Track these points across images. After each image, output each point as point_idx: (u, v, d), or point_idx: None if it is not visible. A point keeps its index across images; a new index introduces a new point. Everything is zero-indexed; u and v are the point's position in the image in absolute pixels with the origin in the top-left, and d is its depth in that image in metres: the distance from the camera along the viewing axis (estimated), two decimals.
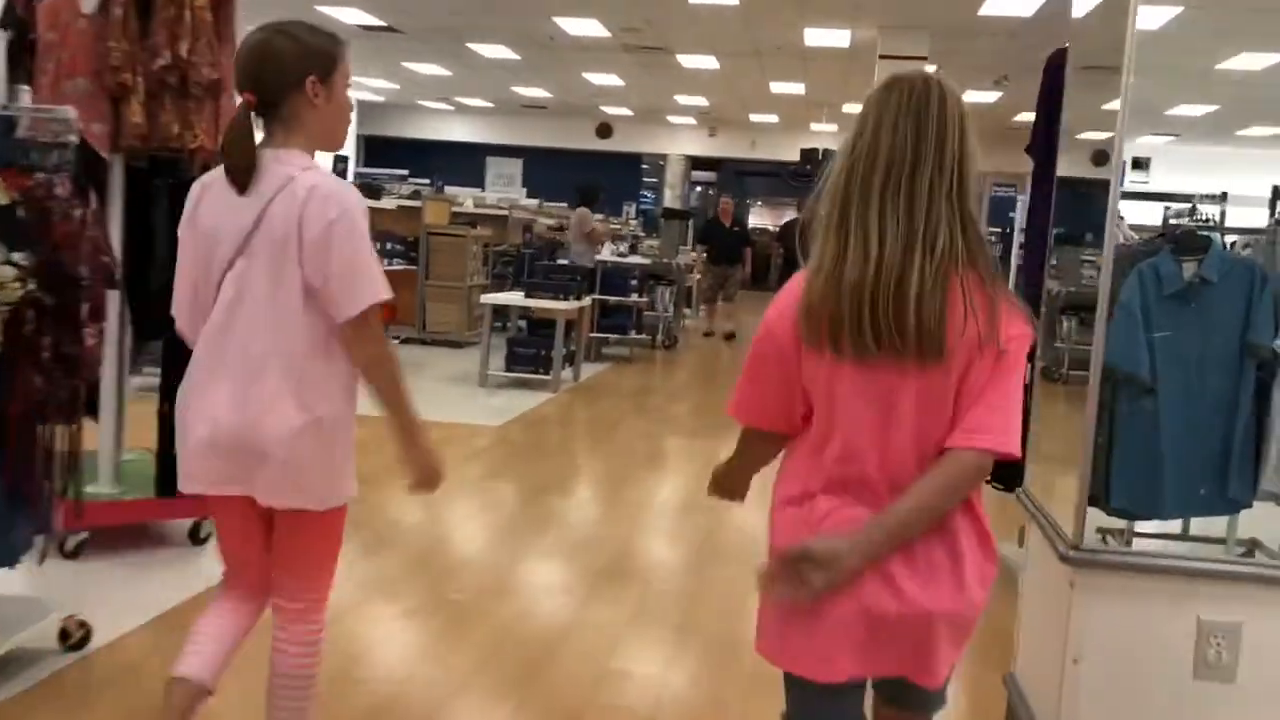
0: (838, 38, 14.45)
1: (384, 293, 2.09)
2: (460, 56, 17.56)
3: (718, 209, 14.38)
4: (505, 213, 12.65)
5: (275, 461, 2.09)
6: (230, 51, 4.13)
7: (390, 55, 18.07)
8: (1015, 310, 1.73)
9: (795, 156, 22.44)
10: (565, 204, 19.09)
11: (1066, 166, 4.04)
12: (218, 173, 2.13)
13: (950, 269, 1.69)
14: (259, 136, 2.14)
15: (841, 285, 1.70)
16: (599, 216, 13.15)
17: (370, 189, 9.11)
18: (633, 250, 10.70)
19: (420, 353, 10.45)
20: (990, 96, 18.20)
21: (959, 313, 1.68)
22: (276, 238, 2.05)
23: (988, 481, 1.75)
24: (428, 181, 11.72)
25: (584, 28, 14.50)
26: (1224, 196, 4.32)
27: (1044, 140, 4.84)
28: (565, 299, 8.53)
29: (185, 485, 2.18)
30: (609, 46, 15.91)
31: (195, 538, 4.24)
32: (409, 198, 10.96)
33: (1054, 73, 4.80)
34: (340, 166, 9.15)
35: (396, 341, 10.95)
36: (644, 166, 27.88)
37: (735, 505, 2.22)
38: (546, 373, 8.59)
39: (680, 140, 25.33)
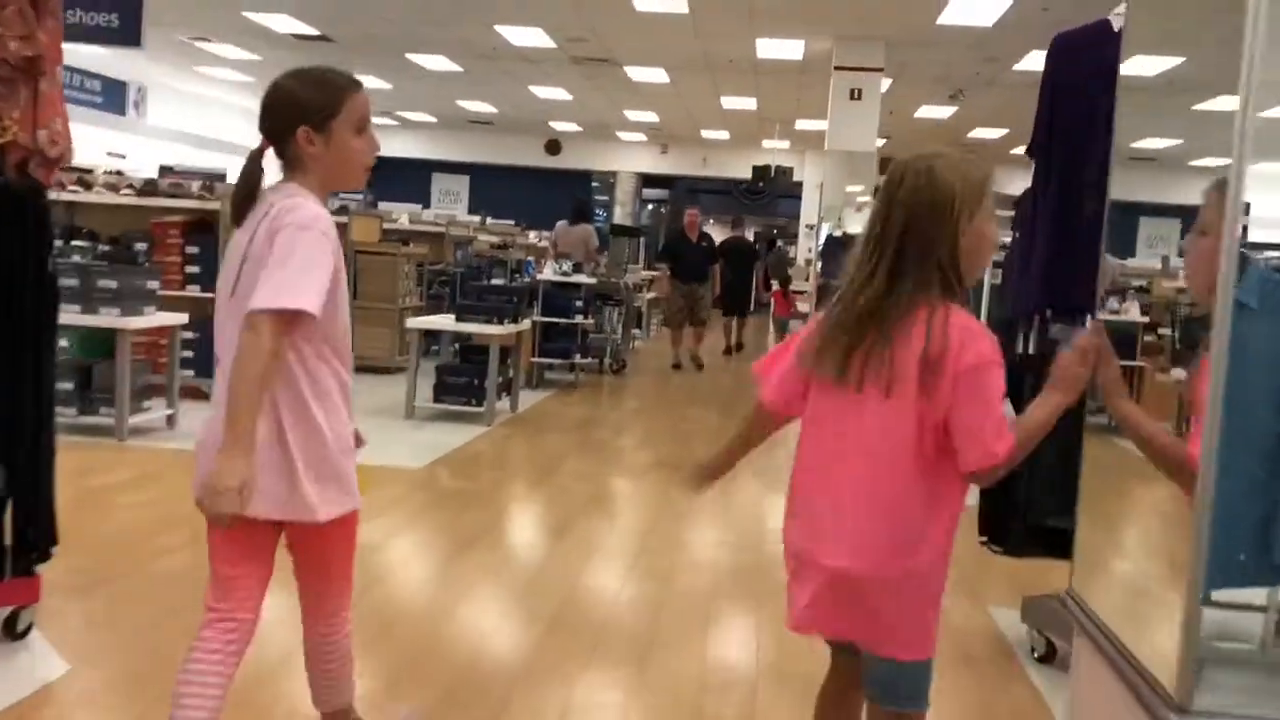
0: (790, 49, 13.78)
1: (293, 302, 2.06)
2: (400, 68, 16.70)
3: (684, 221, 13.26)
4: (443, 229, 11.79)
5: (281, 473, 2.20)
6: (54, 26, 3.29)
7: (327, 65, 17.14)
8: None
9: (747, 174, 21.79)
10: (512, 221, 18.32)
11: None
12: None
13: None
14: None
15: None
16: (546, 236, 12.37)
17: None
18: (577, 269, 9.89)
19: None
20: (945, 111, 17.64)
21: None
22: (256, 259, 2.15)
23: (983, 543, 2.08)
24: (359, 196, 10.83)
25: (528, 37, 13.71)
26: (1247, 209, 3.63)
27: (1045, 139, 4.10)
28: (500, 322, 7.69)
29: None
30: (555, 58, 15.13)
31: (12, 631, 3.35)
32: (335, 213, 10.05)
33: (1060, 57, 4.07)
34: None
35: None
36: (594, 184, 27.11)
37: (683, 567, 2.15)
38: (480, 404, 7.74)
39: (631, 157, 24.60)
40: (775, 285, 17.02)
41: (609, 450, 7.35)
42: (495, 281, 8.11)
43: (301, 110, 2.21)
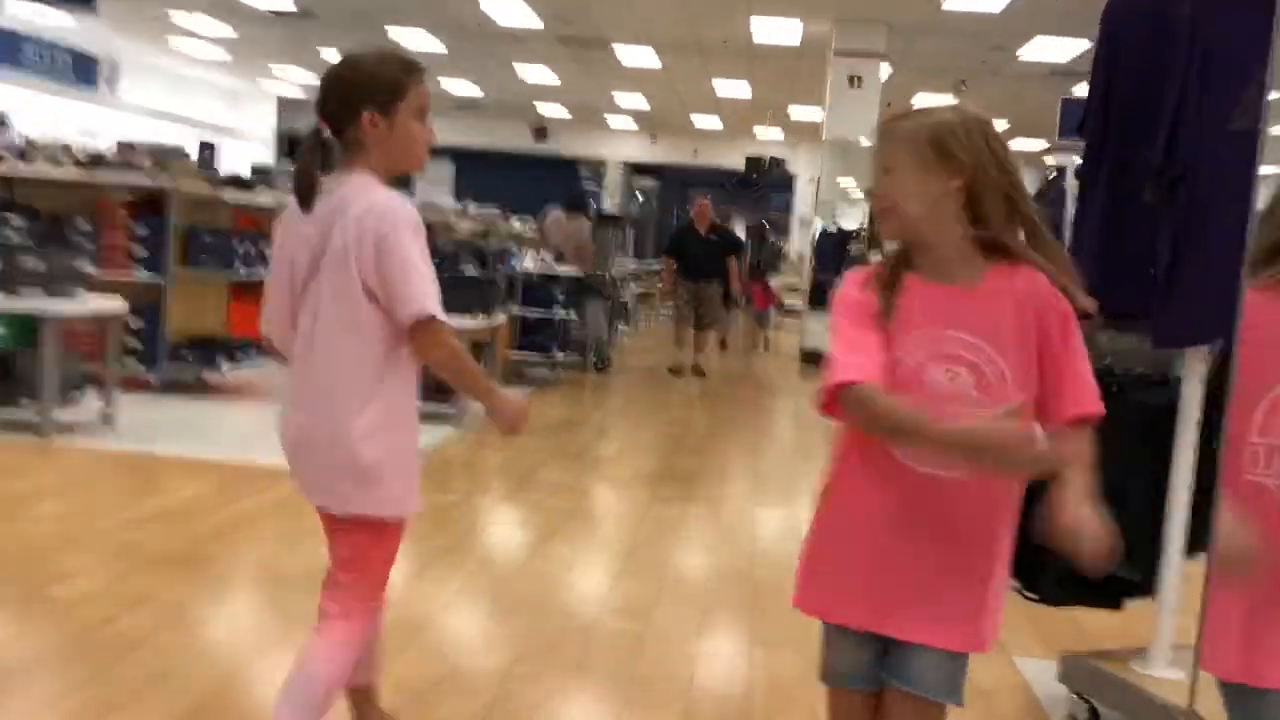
0: (788, 31, 13.17)
1: (431, 309, 2.14)
2: (381, 45, 16.05)
3: (691, 211, 11.83)
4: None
5: (308, 459, 2.26)
6: None
7: (306, 42, 16.48)
8: None
9: (740, 164, 21.20)
10: (491, 207, 17.65)
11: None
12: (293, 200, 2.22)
13: None
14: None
15: None
16: (527, 222, 11.73)
17: (242, 182, 7.58)
18: (559, 259, 9.28)
19: None
20: (945, 102, 17.09)
21: None
22: (338, 259, 2.14)
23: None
24: None
25: (514, 15, 13.08)
26: None
27: (1099, 120, 3.50)
28: (473, 315, 7.07)
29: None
30: (542, 37, 14.49)
31: None
32: None
33: (1116, 21, 3.47)
34: (208, 153, 7.62)
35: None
36: (583, 173, 26.45)
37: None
38: (451, 404, 7.12)
39: (620, 145, 23.99)
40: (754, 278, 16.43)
41: (588, 458, 6.74)
42: (468, 271, 7.50)
43: (368, 92, 2.17)
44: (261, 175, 10.33)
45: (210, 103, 21.29)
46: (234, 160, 14.76)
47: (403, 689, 3.06)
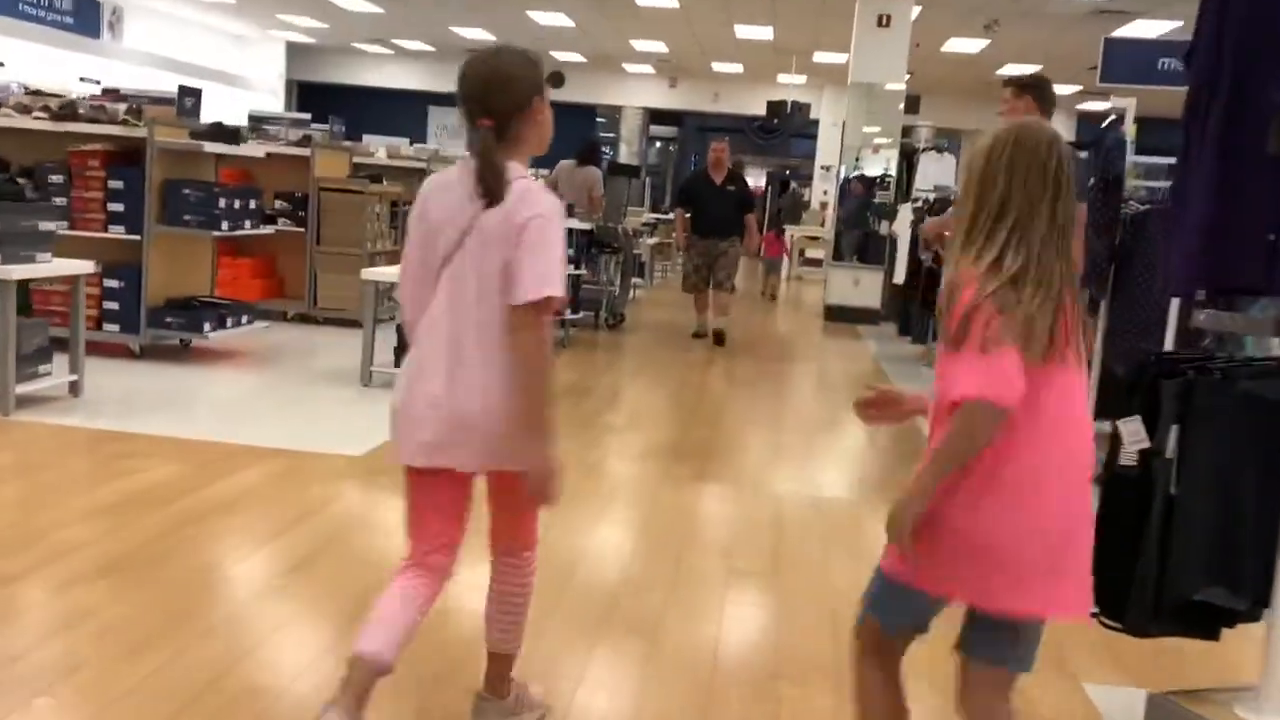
0: None
1: (554, 290, 2.21)
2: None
3: (708, 158, 10.11)
4: (423, 165, 10.54)
5: (486, 433, 2.28)
6: None
7: None
8: None
9: (761, 110, 20.42)
10: None
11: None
12: (450, 174, 2.34)
13: None
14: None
15: None
16: (544, 174, 11.09)
17: (226, 132, 7.00)
18: (570, 212, 8.67)
19: (307, 335, 8.40)
20: (976, 45, 16.22)
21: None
22: (488, 236, 2.25)
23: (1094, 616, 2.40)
24: (325, 125, 9.57)
25: None
26: None
27: (1213, 54, 2.86)
28: None
29: (401, 459, 2.39)
30: None
31: None
32: (298, 144, 8.83)
33: None
34: (190, 99, 7.03)
35: (285, 319, 8.91)
36: (599, 120, 25.72)
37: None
38: None
39: (638, 91, 23.19)
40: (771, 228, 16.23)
41: (596, 428, 6.19)
42: None
43: (535, 83, 2.32)
44: (259, 123, 9.76)
45: (217, 50, 20.63)
46: (240, 109, 14.22)
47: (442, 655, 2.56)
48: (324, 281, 8.74)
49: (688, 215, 9.77)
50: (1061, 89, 19.95)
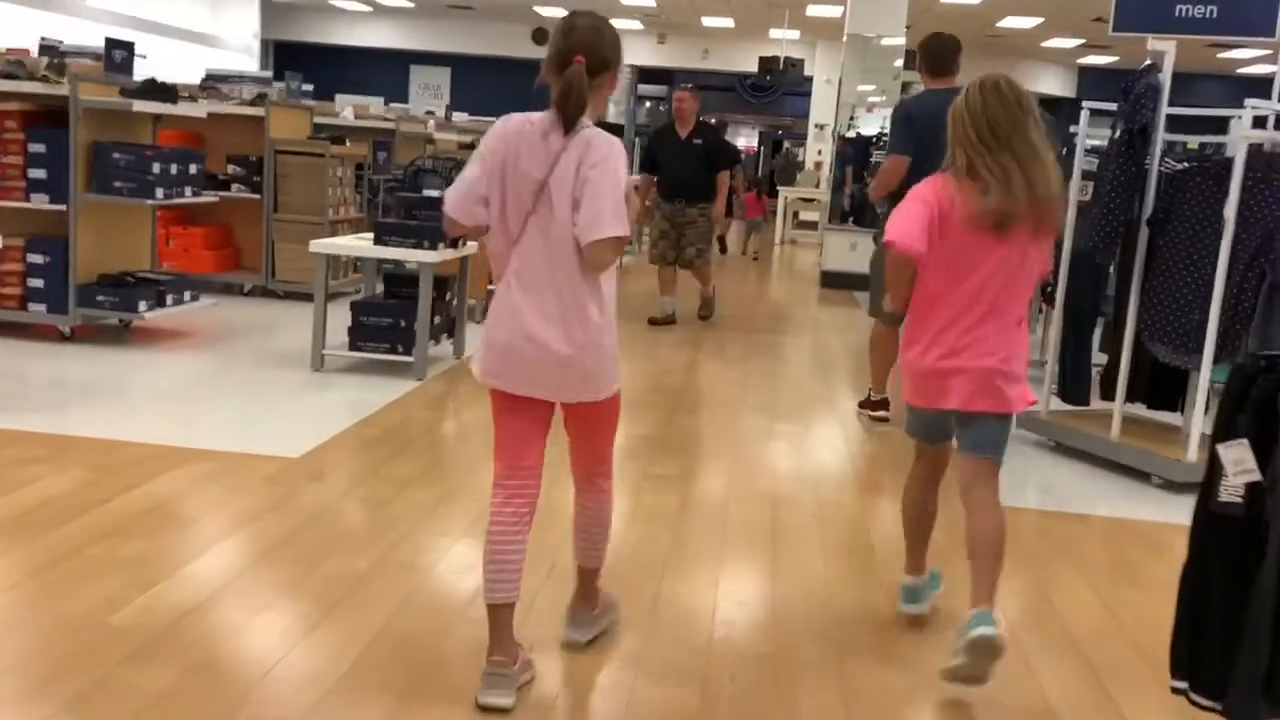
0: None
1: (619, 230, 2.44)
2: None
3: (672, 108, 8.78)
4: (392, 124, 9.80)
5: (571, 366, 2.53)
6: None
7: None
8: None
9: (753, 67, 19.62)
10: (490, 117, 16.24)
11: None
12: (525, 122, 2.51)
13: None
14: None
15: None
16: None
17: (161, 89, 6.26)
18: None
19: (264, 312, 7.71)
20: None
21: None
22: (563, 180, 2.46)
23: (1179, 691, 2.20)
24: (281, 83, 8.77)
25: None
26: None
27: None
28: (434, 246, 5.82)
29: (486, 380, 2.63)
30: None
31: None
32: (252, 103, 8.10)
33: None
34: (120, 53, 6.29)
35: (242, 293, 8.23)
36: None
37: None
38: (408, 351, 5.92)
39: (626, 48, 21.85)
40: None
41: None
42: (431, 192, 6.24)
43: (618, 57, 2.61)
44: (216, 81, 9.02)
45: (189, 8, 19.72)
46: (210, 69, 13.42)
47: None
48: (282, 252, 8.04)
49: (654, 178, 8.46)
50: (1063, 42, 19.15)
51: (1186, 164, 4.98)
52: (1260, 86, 6.96)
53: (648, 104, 27.66)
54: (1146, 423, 5.44)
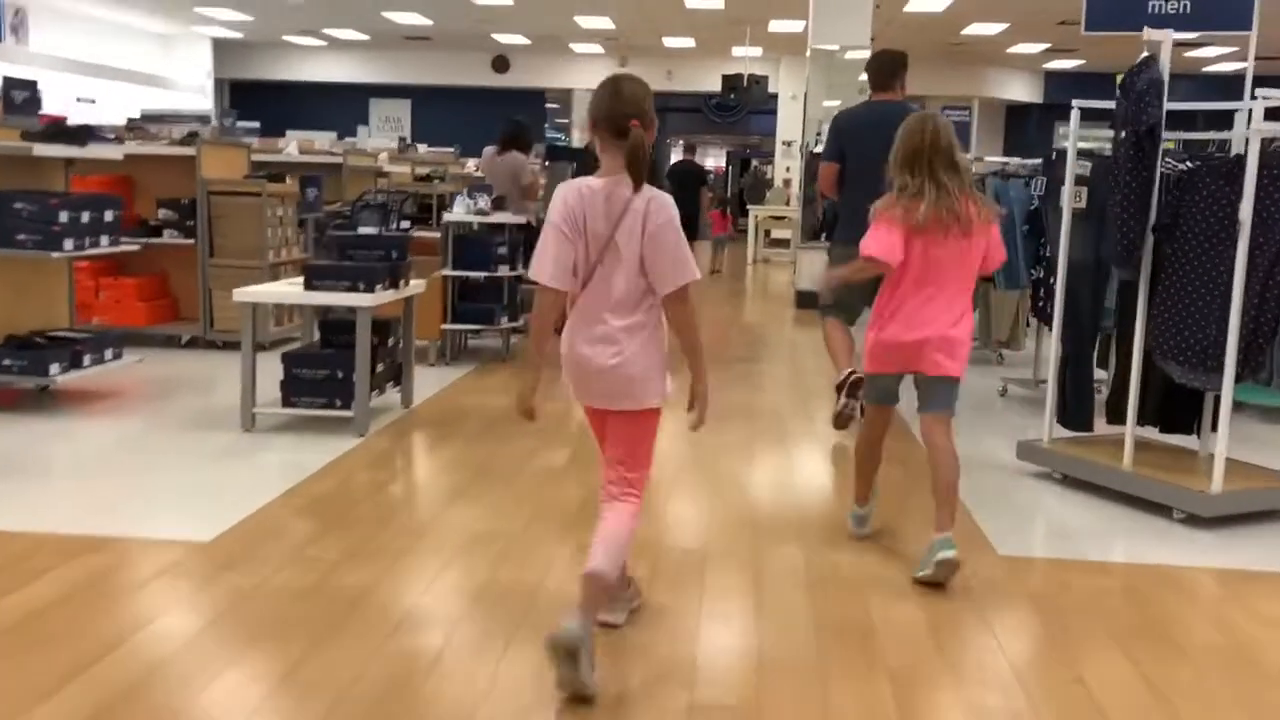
0: None
1: (693, 275, 2.86)
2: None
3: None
4: (339, 159, 9.25)
5: (612, 374, 2.91)
6: None
7: None
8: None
9: (717, 86, 19.19)
10: (451, 148, 15.69)
11: None
12: (589, 184, 2.85)
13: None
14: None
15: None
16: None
17: (69, 133, 5.70)
18: (498, 205, 7.43)
19: (201, 365, 7.10)
20: (941, 3, 15.03)
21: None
22: (630, 237, 2.83)
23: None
24: (213, 119, 8.18)
25: None
26: None
27: None
28: (370, 288, 5.26)
29: (576, 398, 3.05)
30: None
31: None
32: (182, 142, 7.53)
33: None
34: (21, 94, 5.72)
35: (180, 345, 7.64)
36: (553, 106, 24.45)
37: None
38: (347, 406, 5.35)
39: (587, 72, 21.85)
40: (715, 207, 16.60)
41: (529, 477, 4.95)
42: (365, 230, 5.67)
43: (654, 112, 2.94)
44: (148, 121, 8.45)
45: (139, 50, 19.16)
46: (151, 109, 12.86)
47: None
48: (220, 300, 7.44)
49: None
50: (1029, 48, 18.82)
51: (1190, 163, 4.49)
52: (1228, 84, 6.58)
53: None
54: (1160, 448, 4.93)
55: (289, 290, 5.46)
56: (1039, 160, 6.83)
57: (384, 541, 3.97)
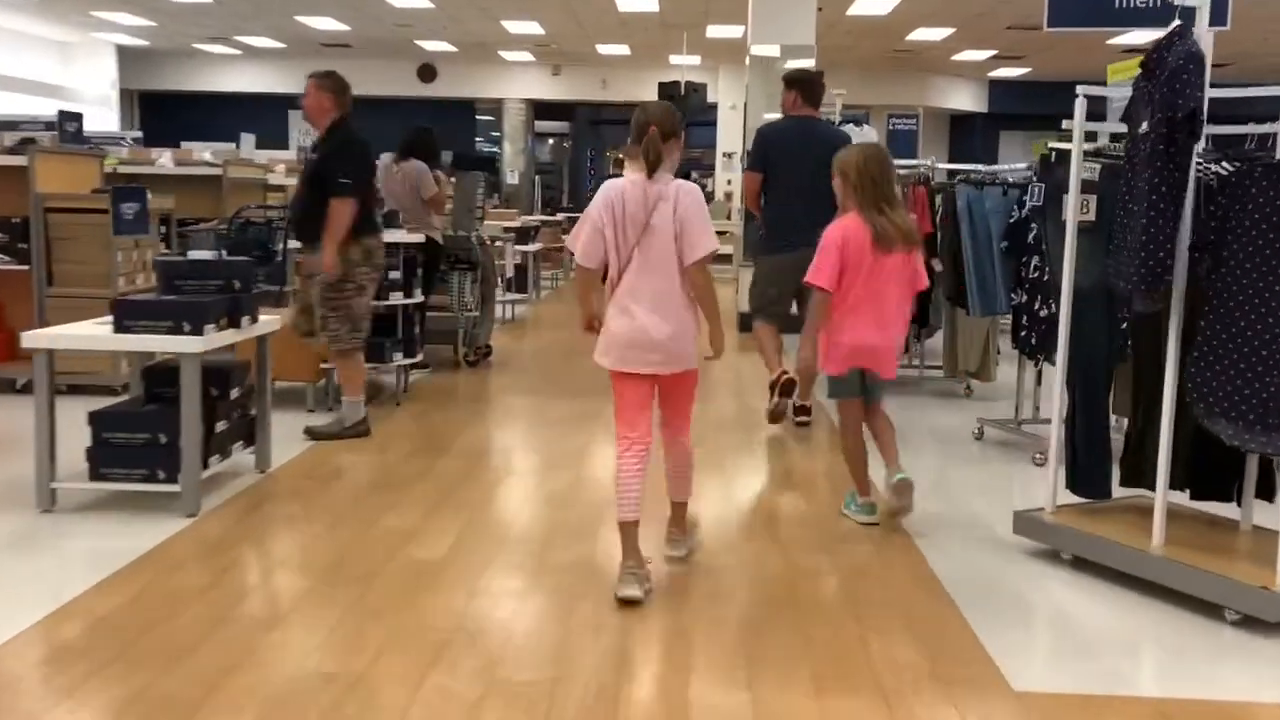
0: None
1: (716, 246, 3.47)
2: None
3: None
4: (219, 170, 8.03)
5: (671, 346, 3.47)
6: None
7: None
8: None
9: (653, 96, 18.19)
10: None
11: None
12: (625, 183, 3.46)
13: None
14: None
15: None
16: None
17: None
18: (390, 221, 6.29)
19: (30, 414, 5.85)
20: (885, 6, 14.12)
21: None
22: (665, 218, 3.41)
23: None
24: (47, 127, 6.91)
25: None
26: None
27: None
28: (195, 329, 4.08)
29: (615, 366, 3.52)
30: None
31: None
32: (12, 151, 6.28)
33: None
34: None
35: (15, 390, 6.37)
36: (486, 118, 23.23)
37: None
38: (173, 478, 4.15)
39: (519, 81, 20.74)
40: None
41: (393, 578, 3.79)
42: (198, 254, 4.48)
43: (681, 130, 3.58)
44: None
45: (35, 59, 17.66)
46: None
47: None
48: None
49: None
50: (975, 54, 18.05)
51: (1232, 164, 3.49)
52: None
53: (550, 141, 26.12)
54: (1191, 518, 3.91)
55: (94, 333, 4.24)
56: (1024, 165, 5.77)
57: (170, 689, 2.80)
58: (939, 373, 7.33)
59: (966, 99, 21.08)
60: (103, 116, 17.95)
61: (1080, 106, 3.89)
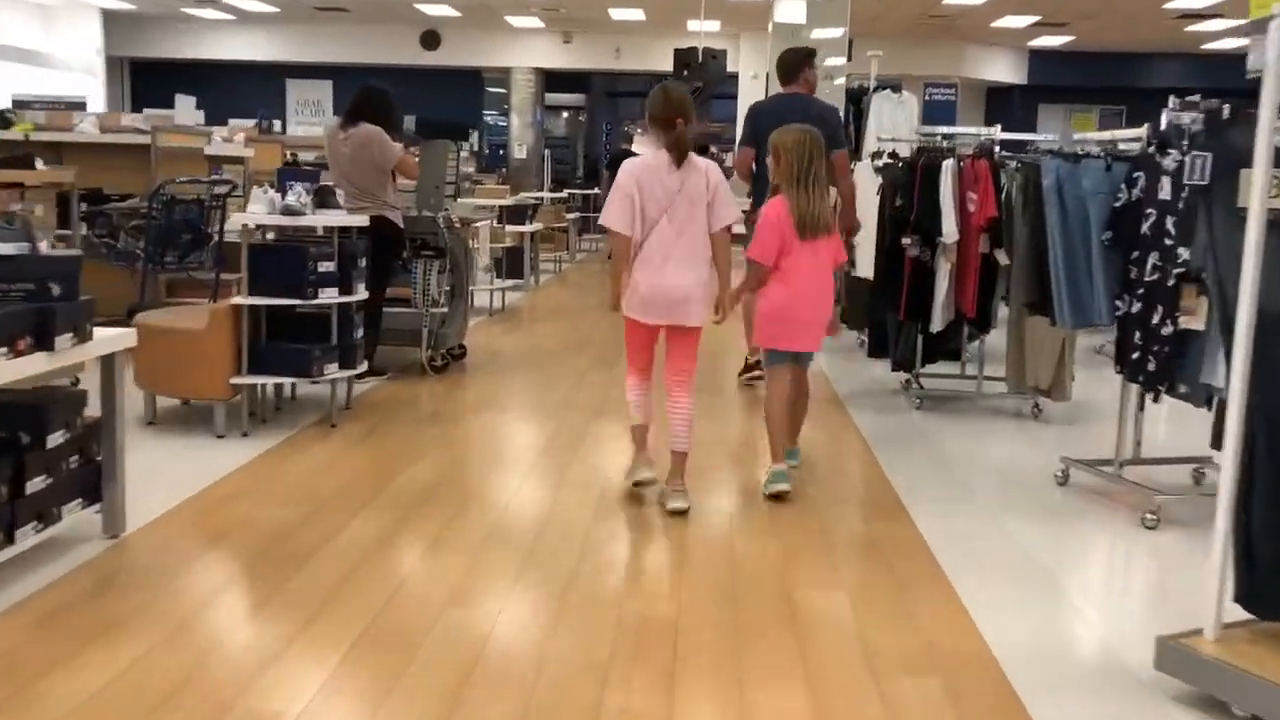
0: None
1: (739, 215, 4.11)
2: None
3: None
4: (146, 139, 6.75)
5: (693, 302, 3.97)
6: None
7: None
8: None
9: (670, 66, 16.78)
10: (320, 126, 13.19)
11: None
12: (649, 159, 3.96)
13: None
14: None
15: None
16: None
17: None
18: (323, 200, 5.00)
19: None
20: None
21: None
22: (695, 193, 3.93)
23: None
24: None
25: None
26: None
27: None
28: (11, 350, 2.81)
29: (637, 317, 4.02)
30: None
31: None
32: None
33: None
34: None
35: None
36: (498, 90, 21.85)
37: None
38: None
39: (527, 49, 19.37)
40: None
41: (311, 652, 2.56)
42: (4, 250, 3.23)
43: (693, 110, 4.03)
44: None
45: (16, 24, 16.43)
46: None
47: None
48: None
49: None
50: (1014, 21, 16.56)
51: None
52: (1229, 64, 4.61)
53: (565, 114, 24.70)
54: None
55: None
56: (1141, 131, 4.28)
57: None
58: (1000, 384, 5.97)
59: (1005, 70, 19.55)
60: (87, 84, 16.74)
61: (1277, 32, 2.54)
